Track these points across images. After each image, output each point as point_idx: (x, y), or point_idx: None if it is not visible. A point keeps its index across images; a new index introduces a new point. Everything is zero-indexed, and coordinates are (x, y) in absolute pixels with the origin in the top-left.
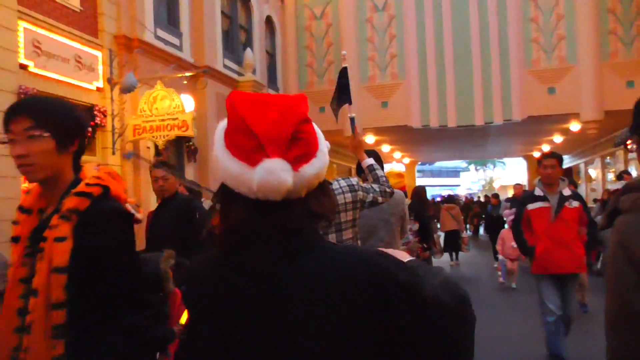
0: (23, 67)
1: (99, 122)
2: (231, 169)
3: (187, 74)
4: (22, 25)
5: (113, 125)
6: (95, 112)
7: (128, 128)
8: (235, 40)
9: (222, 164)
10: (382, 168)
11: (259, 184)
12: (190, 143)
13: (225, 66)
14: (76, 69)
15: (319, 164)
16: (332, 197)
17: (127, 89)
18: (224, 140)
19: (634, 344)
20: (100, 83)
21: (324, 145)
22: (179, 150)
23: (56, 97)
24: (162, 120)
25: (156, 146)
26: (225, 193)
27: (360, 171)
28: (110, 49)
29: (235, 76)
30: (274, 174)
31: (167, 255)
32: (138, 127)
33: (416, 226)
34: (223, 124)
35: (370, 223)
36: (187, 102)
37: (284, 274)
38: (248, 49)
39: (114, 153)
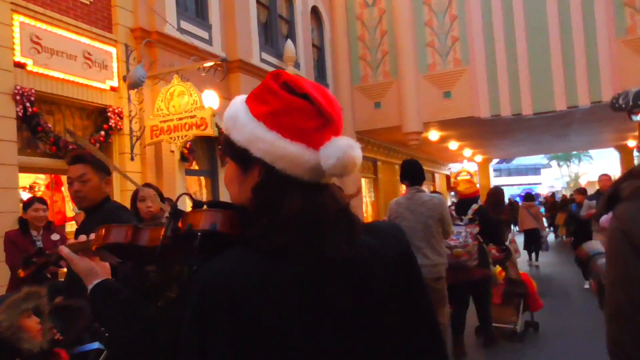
0: (19, 65)
1: (113, 125)
2: (289, 150)
3: (207, 64)
4: (18, 19)
5: (131, 128)
6: (109, 114)
7: (146, 130)
8: (274, 32)
9: (272, 147)
10: (422, 180)
11: (342, 159)
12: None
13: (262, 60)
14: (85, 67)
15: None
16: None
17: (134, 84)
18: (264, 122)
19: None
20: (114, 82)
21: None
22: (211, 153)
23: (61, 98)
24: (180, 119)
25: (184, 154)
26: (272, 180)
27: None
28: (125, 44)
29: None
30: (354, 148)
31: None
32: (155, 128)
33: (476, 229)
34: (239, 101)
35: (409, 225)
36: (211, 98)
37: (364, 254)
38: (289, 41)
39: (132, 159)
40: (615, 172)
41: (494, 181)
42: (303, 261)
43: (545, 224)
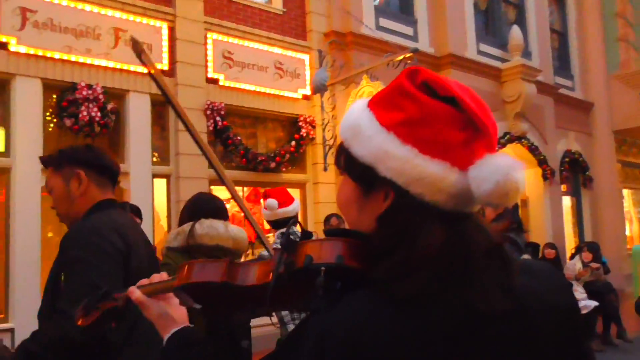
0: (212, 81)
1: (305, 135)
2: (428, 170)
3: (397, 58)
4: (211, 37)
5: (323, 137)
6: (301, 124)
7: (337, 138)
8: (497, 19)
9: (405, 166)
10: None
11: (502, 185)
12: None
13: (480, 52)
14: (276, 77)
15: None
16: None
17: (317, 88)
18: (396, 135)
19: None
20: (306, 90)
21: None
22: None
23: (251, 110)
24: None
25: None
26: (405, 206)
27: None
28: (319, 50)
29: (496, 64)
30: (516, 168)
31: None
32: None
33: None
34: (362, 107)
35: None
36: None
37: (525, 302)
38: (514, 27)
39: (325, 169)
40: None
41: None
42: (447, 313)
43: None
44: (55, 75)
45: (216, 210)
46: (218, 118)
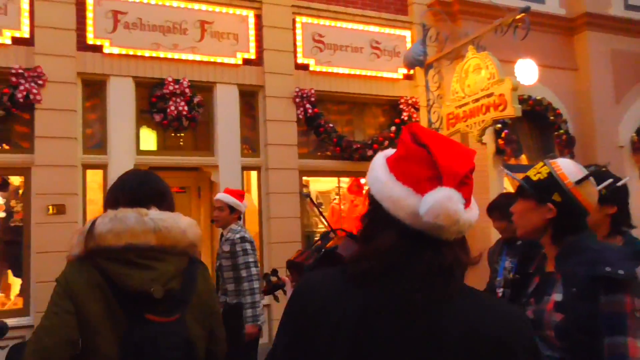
0: (301, 67)
1: (406, 118)
2: (394, 193)
3: (507, 21)
4: (300, 20)
5: (429, 120)
6: (402, 107)
7: (443, 120)
8: None
9: (383, 188)
10: None
11: (433, 208)
12: (561, 131)
13: (629, 7)
14: (372, 58)
15: (475, 214)
16: (469, 250)
17: (411, 64)
18: (387, 163)
19: None
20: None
21: (474, 201)
22: (545, 141)
23: (345, 95)
24: (476, 100)
25: (498, 145)
26: (377, 215)
27: None
28: (422, 24)
29: None
30: (452, 200)
31: None
32: (451, 116)
33: None
34: (385, 153)
35: None
36: (525, 69)
37: (446, 315)
38: None
39: None
40: None
41: None
42: (373, 292)
43: None
44: (145, 72)
45: (147, 193)
46: (308, 105)
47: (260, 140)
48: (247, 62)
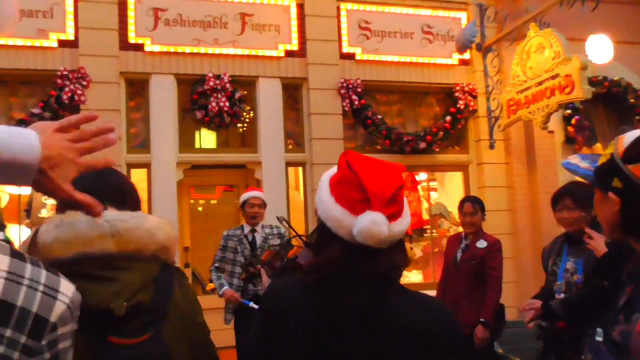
0: (347, 56)
1: (462, 107)
2: (335, 214)
3: None
4: (345, 7)
5: (488, 107)
6: (457, 94)
7: (503, 107)
8: None
9: (327, 208)
10: None
11: (361, 230)
12: None
13: None
14: (424, 43)
15: (404, 223)
16: (407, 253)
17: (463, 45)
18: (330, 187)
19: None
20: (465, 54)
21: (408, 210)
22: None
23: (394, 84)
24: (539, 83)
25: (568, 133)
26: (324, 232)
27: None
28: (479, 3)
29: None
30: (377, 224)
31: None
32: (512, 102)
33: None
34: (330, 173)
35: None
36: (598, 46)
37: (385, 314)
38: None
39: (492, 147)
40: None
41: None
42: (324, 297)
43: None
44: (186, 69)
45: (102, 191)
46: (354, 97)
47: (305, 134)
48: (289, 54)
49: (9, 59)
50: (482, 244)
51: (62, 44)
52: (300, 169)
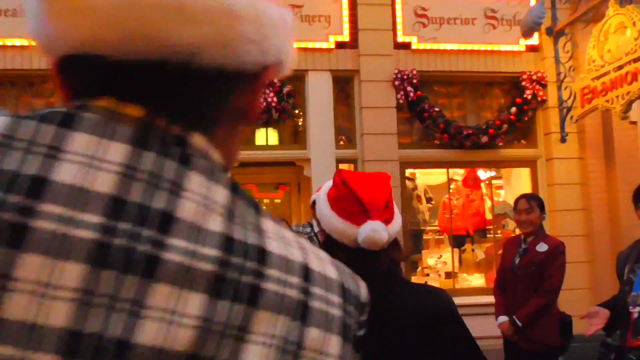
0: (402, 46)
1: (529, 97)
2: (337, 226)
3: None
4: None
5: (559, 97)
6: (525, 83)
7: (577, 96)
8: None
9: (329, 221)
10: None
11: (365, 239)
12: None
13: None
14: (488, 29)
15: (397, 224)
16: (402, 249)
17: (530, 28)
18: (328, 202)
19: None
20: (533, 39)
21: (397, 211)
22: None
23: (454, 75)
24: (618, 67)
25: None
26: (330, 242)
27: None
28: None
29: None
30: (377, 232)
31: None
32: (587, 90)
33: None
34: (326, 188)
35: None
36: None
37: (391, 305)
38: None
39: (563, 140)
40: None
41: None
42: None
43: None
44: None
45: None
46: (410, 88)
47: (357, 129)
48: (340, 45)
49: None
50: (542, 247)
51: None
52: (351, 165)
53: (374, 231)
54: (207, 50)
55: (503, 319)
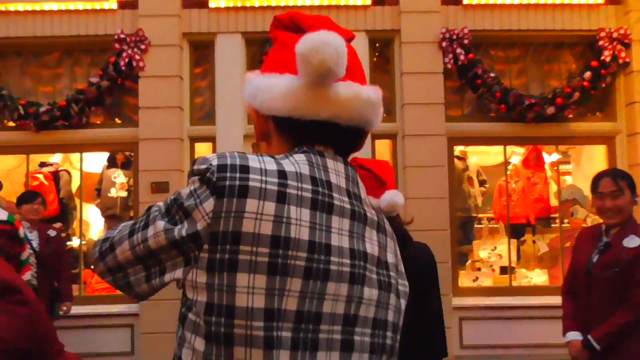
0: (451, 1)
1: (607, 60)
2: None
3: None
4: None
5: None
6: (602, 42)
7: None
8: None
9: None
10: None
11: (387, 205)
12: None
13: None
14: None
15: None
16: (401, 217)
17: None
18: None
19: None
20: None
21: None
22: None
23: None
24: None
25: None
26: None
27: None
28: None
29: None
30: (399, 196)
31: None
32: None
33: None
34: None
35: None
36: None
37: (406, 261)
38: None
39: None
40: None
41: None
42: None
43: None
44: (255, 26)
45: None
46: (460, 50)
47: (397, 99)
48: (378, 2)
49: (71, 25)
50: (632, 241)
51: (123, 5)
52: (388, 141)
53: (397, 195)
54: (372, 122)
55: (574, 336)
